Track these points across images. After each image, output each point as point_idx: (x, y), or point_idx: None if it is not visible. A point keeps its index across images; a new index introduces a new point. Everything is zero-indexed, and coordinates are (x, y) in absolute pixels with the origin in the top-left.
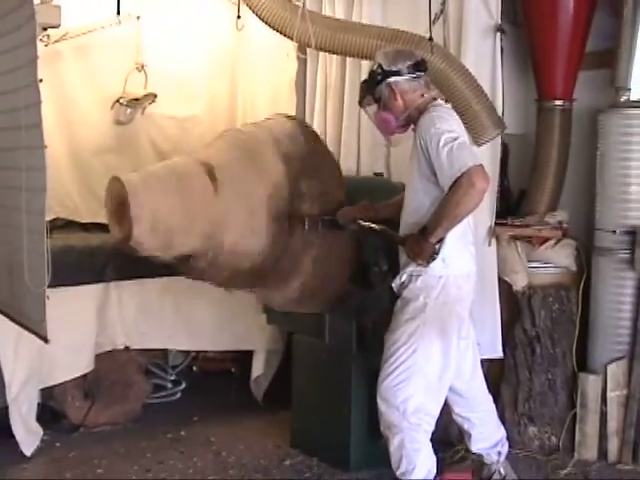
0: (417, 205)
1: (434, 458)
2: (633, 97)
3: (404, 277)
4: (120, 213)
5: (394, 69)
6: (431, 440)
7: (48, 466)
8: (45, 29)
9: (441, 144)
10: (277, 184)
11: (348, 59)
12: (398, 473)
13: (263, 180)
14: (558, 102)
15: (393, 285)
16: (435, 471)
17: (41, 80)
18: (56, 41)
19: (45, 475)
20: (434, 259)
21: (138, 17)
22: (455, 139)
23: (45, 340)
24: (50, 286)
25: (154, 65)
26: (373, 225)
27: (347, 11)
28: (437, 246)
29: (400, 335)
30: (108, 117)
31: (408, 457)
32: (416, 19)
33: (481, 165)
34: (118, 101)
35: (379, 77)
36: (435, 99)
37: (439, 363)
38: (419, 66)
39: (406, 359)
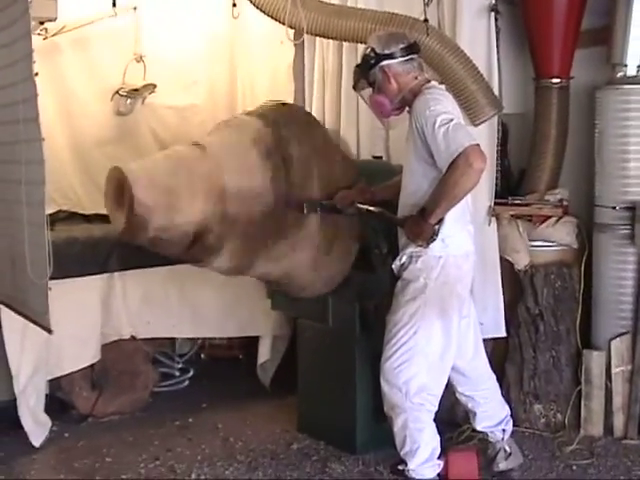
0: (415, 187)
1: (438, 437)
2: (629, 73)
3: (404, 258)
4: (119, 197)
5: (387, 52)
6: (435, 420)
7: (57, 456)
8: (42, 23)
9: (437, 125)
10: (260, 130)
11: (345, 44)
12: (402, 453)
13: (246, 131)
14: (555, 80)
15: (393, 267)
16: (439, 450)
17: (37, 74)
18: (54, 34)
19: (54, 465)
20: (434, 240)
21: (134, 8)
22: (451, 120)
23: (49, 331)
24: (54, 278)
25: (153, 55)
26: (371, 208)
27: None
28: (436, 227)
29: (401, 316)
30: (108, 108)
31: (412, 437)
32: (411, 1)
33: (478, 145)
34: (118, 92)
35: (372, 61)
36: (429, 81)
37: (440, 343)
38: (412, 48)
39: (407, 340)
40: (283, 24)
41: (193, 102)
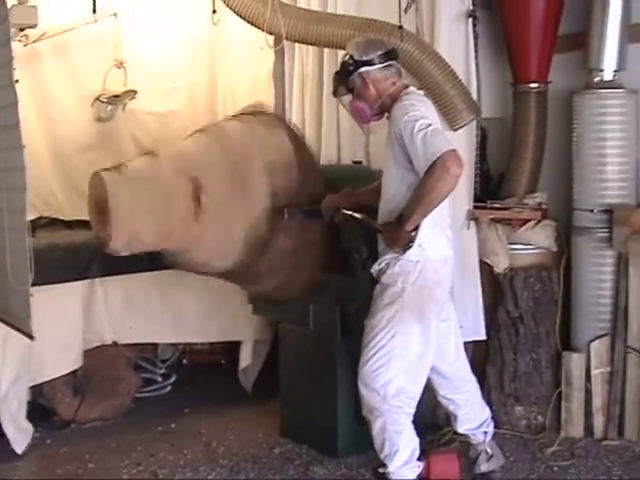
0: (394, 192)
1: (417, 439)
2: (606, 78)
3: (383, 264)
4: (101, 213)
5: (365, 59)
6: (415, 422)
7: (40, 463)
8: (23, 29)
9: (415, 131)
10: (258, 216)
11: (325, 49)
12: (382, 456)
13: (246, 210)
14: (533, 85)
15: (372, 271)
16: (419, 452)
17: (17, 81)
18: (34, 41)
19: (37, 472)
20: (410, 247)
21: (115, 14)
22: (428, 125)
23: (31, 337)
24: (36, 284)
25: (133, 61)
26: (355, 214)
27: (322, 2)
28: (413, 234)
29: (379, 320)
30: (89, 114)
31: (391, 439)
32: (390, 8)
33: (455, 150)
34: (98, 98)
35: (351, 67)
36: (407, 86)
37: (418, 346)
38: (390, 54)
39: (385, 343)
40: (263, 30)
41: (173, 108)
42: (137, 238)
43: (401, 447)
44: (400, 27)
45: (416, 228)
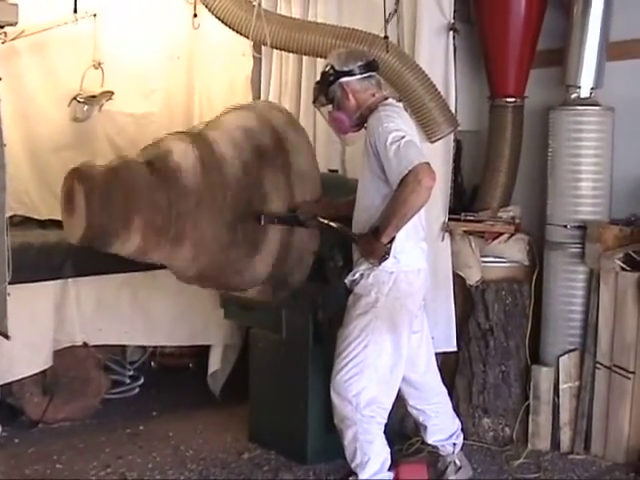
0: (368, 203)
1: (388, 449)
2: (583, 95)
3: (357, 275)
4: (71, 210)
5: (346, 69)
6: (385, 432)
7: (7, 462)
8: (2, 27)
9: (389, 142)
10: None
11: (304, 57)
12: (353, 465)
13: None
14: (510, 99)
15: (346, 281)
16: (390, 462)
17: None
18: (13, 39)
19: (4, 471)
20: (386, 259)
21: (95, 15)
22: (402, 137)
23: (6, 337)
24: (8, 283)
25: (111, 62)
26: (332, 223)
27: (303, 10)
28: (388, 246)
29: (352, 330)
30: (65, 114)
31: (362, 449)
32: (371, 18)
33: (427, 163)
34: (75, 98)
35: (331, 78)
36: (386, 98)
37: (390, 357)
38: (370, 66)
39: (358, 353)
40: (247, 37)
41: (150, 110)
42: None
43: (372, 457)
44: (386, 37)
45: (391, 240)
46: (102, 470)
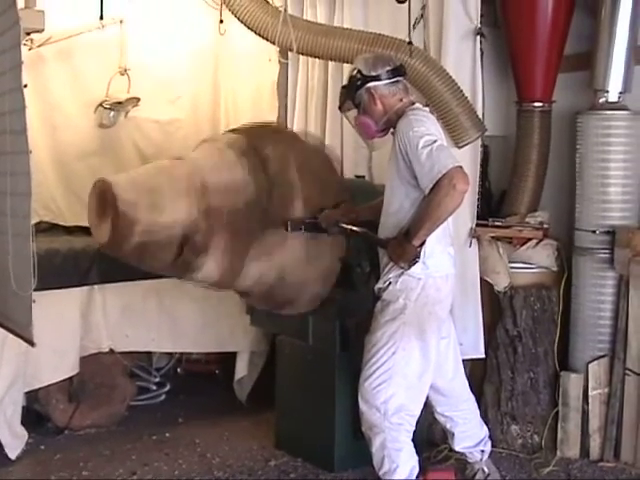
0: (397, 207)
1: (416, 457)
2: (611, 99)
3: (386, 283)
4: (102, 209)
5: (373, 74)
6: (413, 440)
7: (33, 469)
8: (29, 34)
9: (420, 147)
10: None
11: (330, 63)
12: (381, 473)
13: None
14: (537, 104)
15: (375, 288)
16: (418, 470)
17: (26, 85)
18: (39, 45)
19: (31, 478)
20: (416, 262)
21: (121, 21)
22: (434, 142)
23: (32, 344)
24: (35, 289)
25: (137, 69)
26: (355, 228)
27: (329, 15)
28: (419, 249)
29: (380, 336)
30: (91, 121)
31: (390, 457)
32: (397, 23)
33: (461, 166)
34: (101, 105)
35: (359, 82)
36: (413, 103)
37: (419, 364)
38: (398, 71)
39: (386, 360)
40: (273, 43)
41: (176, 117)
42: (139, 180)
43: (401, 464)
44: (409, 43)
45: (422, 244)
46: (128, 477)
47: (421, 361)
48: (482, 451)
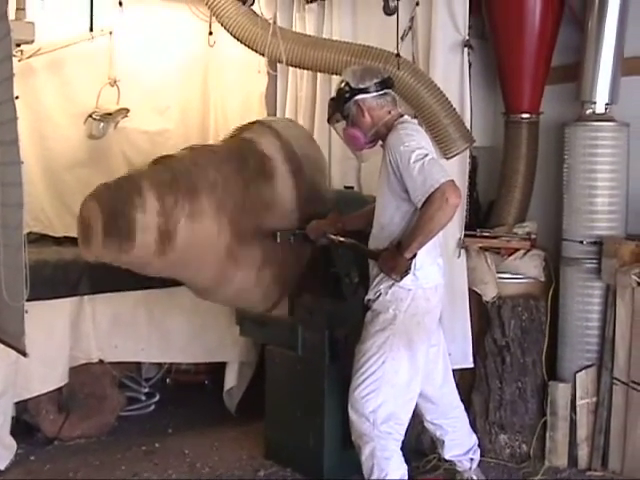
0: (387, 220)
1: (405, 466)
2: (598, 110)
3: (377, 294)
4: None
5: (361, 87)
6: (402, 449)
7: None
8: (19, 45)
9: (412, 161)
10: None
11: (319, 74)
12: None
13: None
14: (525, 115)
15: (365, 299)
16: (407, 478)
17: (17, 97)
18: (29, 56)
19: None
20: (408, 274)
21: (111, 32)
22: (425, 155)
23: (24, 354)
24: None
25: (127, 80)
26: (343, 239)
27: (318, 27)
28: (410, 261)
29: (370, 346)
30: (81, 131)
31: (379, 465)
32: (386, 35)
33: (452, 180)
34: (91, 115)
35: (347, 95)
36: (402, 115)
37: (408, 373)
38: (386, 83)
39: (376, 370)
40: (262, 55)
41: (165, 127)
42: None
43: (390, 473)
44: (397, 55)
45: (414, 256)
46: None
47: (409, 370)
48: (471, 459)
